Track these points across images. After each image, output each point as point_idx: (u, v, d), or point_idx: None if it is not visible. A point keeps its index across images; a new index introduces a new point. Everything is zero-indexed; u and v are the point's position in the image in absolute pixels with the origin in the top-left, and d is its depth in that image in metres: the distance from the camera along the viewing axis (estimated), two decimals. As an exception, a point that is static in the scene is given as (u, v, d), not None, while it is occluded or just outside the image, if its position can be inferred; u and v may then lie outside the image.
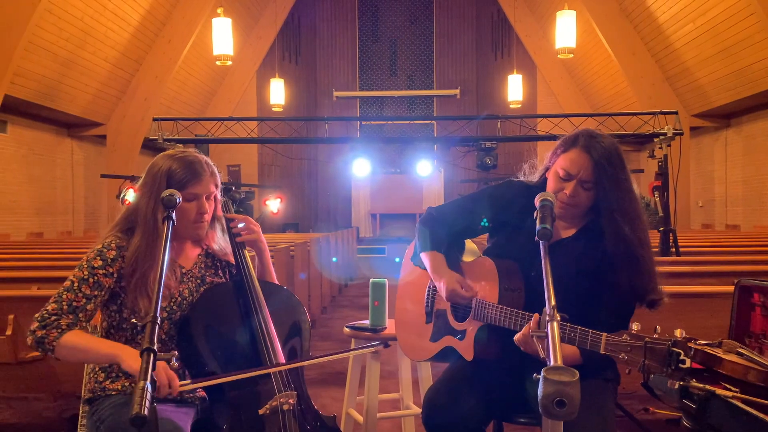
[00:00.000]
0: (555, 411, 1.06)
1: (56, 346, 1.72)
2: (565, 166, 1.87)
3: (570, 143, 1.90)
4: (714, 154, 11.98)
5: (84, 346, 1.73)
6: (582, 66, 14.43)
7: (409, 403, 2.74)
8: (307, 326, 2.05)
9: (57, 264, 4.83)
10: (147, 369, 1.22)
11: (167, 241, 1.58)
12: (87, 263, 1.84)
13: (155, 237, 1.83)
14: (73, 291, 1.80)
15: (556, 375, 1.06)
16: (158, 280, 1.45)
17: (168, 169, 1.88)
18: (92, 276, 1.82)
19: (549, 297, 1.30)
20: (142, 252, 1.84)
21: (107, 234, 1.92)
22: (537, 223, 1.58)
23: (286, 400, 1.82)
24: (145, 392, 1.17)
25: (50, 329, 1.73)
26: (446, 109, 18.03)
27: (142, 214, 1.87)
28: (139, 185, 1.94)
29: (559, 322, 1.24)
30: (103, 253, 1.85)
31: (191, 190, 1.88)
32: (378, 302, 2.58)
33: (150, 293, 1.82)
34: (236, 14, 13.19)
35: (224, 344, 1.87)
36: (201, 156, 1.96)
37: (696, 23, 9.89)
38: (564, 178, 1.87)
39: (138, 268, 1.83)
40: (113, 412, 1.85)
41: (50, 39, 9.24)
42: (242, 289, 1.96)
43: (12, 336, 3.04)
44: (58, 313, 1.76)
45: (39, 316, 1.77)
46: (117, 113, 12.10)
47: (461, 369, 2.00)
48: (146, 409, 1.14)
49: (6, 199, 10.12)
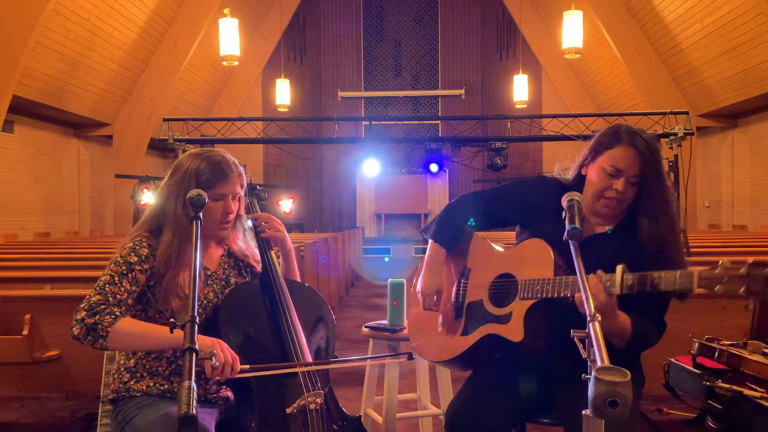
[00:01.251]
0: (607, 411, 1.05)
1: (110, 332, 1.68)
2: (613, 162, 1.85)
3: (613, 139, 1.88)
4: (721, 154, 11.96)
5: (141, 332, 1.72)
6: (588, 66, 14.42)
7: (426, 404, 2.74)
8: (332, 325, 2.05)
9: (69, 264, 4.84)
10: (191, 368, 1.22)
11: (197, 241, 1.58)
12: (123, 259, 1.82)
13: (185, 236, 1.83)
14: (115, 284, 1.78)
15: (608, 375, 1.06)
16: (192, 280, 1.44)
17: (196, 168, 1.88)
18: (130, 271, 1.81)
19: (587, 297, 1.29)
20: (174, 251, 1.83)
21: (135, 233, 1.91)
22: (566, 223, 1.57)
23: (313, 400, 1.82)
24: (192, 391, 1.17)
25: (103, 315, 1.69)
26: (451, 110, 18.03)
27: (170, 213, 1.87)
28: (164, 184, 1.94)
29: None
30: (136, 250, 1.85)
31: (218, 190, 1.88)
32: (396, 302, 2.57)
33: (180, 293, 1.82)
34: (241, 14, 13.19)
35: (252, 343, 1.87)
36: (228, 156, 1.95)
37: (703, 23, 9.88)
38: (612, 174, 1.85)
39: (170, 268, 1.83)
40: (138, 412, 1.85)
41: (57, 39, 9.25)
42: (269, 288, 1.96)
43: (28, 336, 3.04)
44: (106, 303, 1.73)
45: (85, 305, 1.72)
46: (123, 113, 12.12)
47: (484, 377, 1.98)
48: (194, 408, 1.14)
49: (13, 199, 10.14)
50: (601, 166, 1.88)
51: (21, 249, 6.75)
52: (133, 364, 1.91)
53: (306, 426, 1.82)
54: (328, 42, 18.49)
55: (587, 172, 1.95)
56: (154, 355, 1.88)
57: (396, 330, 2.51)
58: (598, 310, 1.37)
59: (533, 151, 16.63)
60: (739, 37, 9.30)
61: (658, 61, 11.60)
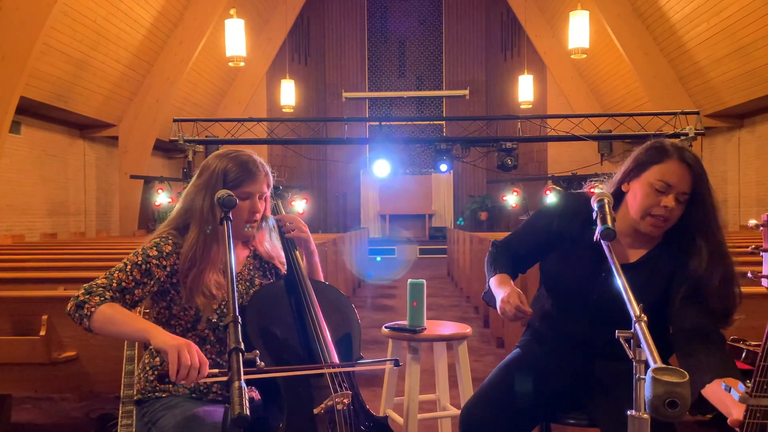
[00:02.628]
0: (666, 412, 1.05)
1: (94, 312, 1.69)
2: (663, 177, 1.74)
3: (662, 153, 1.78)
4: (727, 154, 11.94)
5: (120, 319, 1.70)
6: (593, 66, 14.40)
7: (446, 404, 2.73)
8: (357, 325, 2.04)
9: (81, 265, 4.84)
10: (239, 368, 1.22)
11: (230, 241, 1.59)
12: (143, 251, 1.84)
13: (211, 235, 1.84)
14: (125, 272, 1.80)
15: (666, 375, 1.06)
16: (230, 281, 1.45)
17: (224, 168, 1.89)
18: (145, 263, 1.82)
19: (630, 299, 1.28)
20: (199, 249, 1.84)
21: (162, 230, 1.92)
22: (598, 224, 1.56)
23: (341, 400, 1.81)
24: (243, 391, 1.17)
25: (93, 296, 1.71)
26: (455, 110, 18.04)
27: (197, 212, 1.88)
28: (192, 183, 1.95)
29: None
30: (159, 245, 1.86)
31: (245, 189, 1.89)
32: (417, 302, 2.56)
33: (206, 291, 1.83)
34: (246, 15, 13.19)
35: (279, 344, 1.86)
36: (255, 156, 1.96)
37: (710, 23, 9.86)
38: (661, 190, 1.75)
39: (195, 265, 1.84)
40: (165, 413, 1.85)
41: (64, 41, 9.27)
42: (294, 289, 1.96)
43: (45, 336, 3.04)
44: (106, 286, 1.76)
45: (87, 285, 1.76)
46: (129, 114, 12.13)
47: (501, 378, 1.97)
48: (247, 408, 1.14)
49: (20, 200, 10.16)
50: (648, 181, 1.77)
51: (30, 250, 6.75)
52: (159, 362, 1.91)
53: (333, 426, 1.81)
54: (333, 43, 18.50)
55: (629, 188, 1.84)
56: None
57: (417, 330, 2.50)
58: None
59: (538, 152, 16.62)
60: (746, 36, 9.28)
61: (664, 61, 11.59)
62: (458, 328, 2.63)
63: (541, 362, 1.96)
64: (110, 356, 3.10)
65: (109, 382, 3.17)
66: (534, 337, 2.05)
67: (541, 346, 1.99)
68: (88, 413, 4.00)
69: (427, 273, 12.38)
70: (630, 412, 1.17)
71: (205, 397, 1.90)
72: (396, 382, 2.74)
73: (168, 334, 1.63)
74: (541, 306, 2.02)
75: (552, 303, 1.98)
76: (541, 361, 1.96)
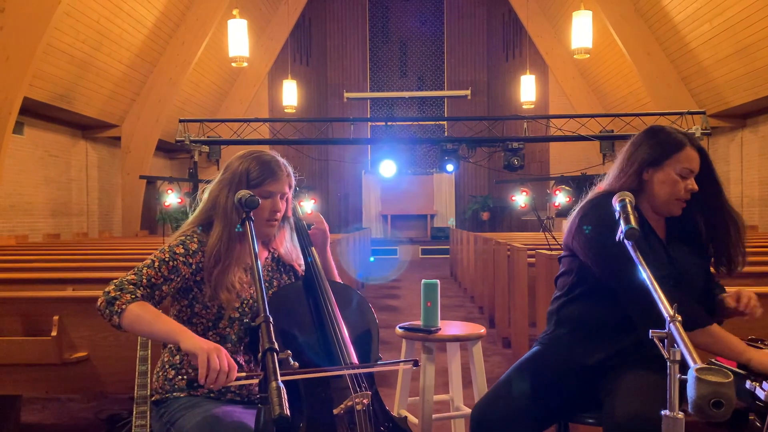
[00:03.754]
0: (711, 412, 1.05)
1: (125, 310, 1.69)
2: (687, 165, 1.92)
3: (678, 143, 1.94)
4: (729, 154, 11.94)
5: (149, 319, 1.70)
6: (595, 66, 14.40)
7: (459, 405, 2.73)
8: (375, 326, 2.04)
9: (89, 265, 4.84)
10: (275, 368, 1.21)
11: (254, 240, 1.61)
12: (169, 248, 1.86)
13: (235, 233, 1.86)
14: (154, 269, 1.81)
15: (711, 375, 1.05)
16: (257, 281, 1.45)
17: (247, 167, 1.91)
18: (173, 260, 1.84)
19: (661, 299, 1.28)
20: (223, 246, 1.86)
21: (186, 228, 1.94)
22: (622, 224, 1.56)
23: (360, 401, 1.81)
24: (281, 391, 1.16)
25: (125, 293, 1.72)
26: (457, 110, 18.04)
27: (221, 210, 1.90)
28: (216, 182, 1.97)
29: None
30: (185, 243, 1.88)
31: (267, 188, 1.91)
32: (431, 303, 2.56)
33: (230, 287, 1.85)
34: (248, 16, 13.20)
35: (298, 345, 1.86)
36: (278, 156, 1.99)
37: (713, 23, 9.86)
38: (684, 175, 1.93)
39: (220, 262, 1.85)
40: (184, 413, 1.84)
41: (68, 41, 9.27)
42: (313, 290, 1.95)
43: (57, 337, 3.03)
44: (137, 283, 1.77)
45: (117, 281, 1.76)
46: (131, 115, 12.13)
47: (516, 377, 1.96)
48: (287, 408, 1.13)
49: (23, 200, 10.15)
50: (673, 169, 1.93)
51: (35, 251, 6.75)
52: (178, 361, 1.91)
53: (353, 427, 1.81)
54: (334, 43, 18.50)
55: (650, 176, 1.96)
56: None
57: (432, 331, 2.50)
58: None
59: (540, 152, 16.63)
60: (749, 36, 9.28)
61: (666, 61, 11.59)
62: (472, 329, 2.62)
63: (565, 360, 1.95)
64: (122, 356, 3.10)
65: (120, 383, 3.17)
66: (559, 335, 2.03)
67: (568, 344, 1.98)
68: (97, 414, 3.99)
69: (429, 273, 12.38)
70: (664, 412, 1.17)
71: (224, 397, 1.90)
72: (409, 383, 2.73)
73: (198, 338, 1.63)
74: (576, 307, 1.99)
75: (591, 304, 1.96)
76: (564, 359, 1.95)
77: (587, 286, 1.96)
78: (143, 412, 2.65)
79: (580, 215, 1.97)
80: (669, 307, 1.22)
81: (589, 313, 1.96)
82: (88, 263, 5.06)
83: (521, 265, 4.89)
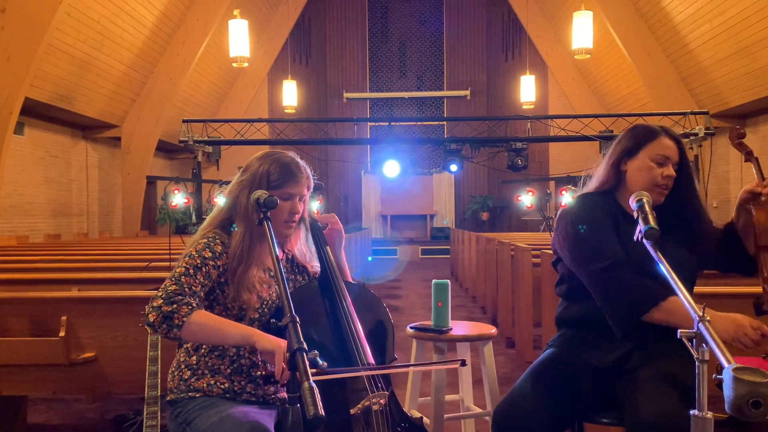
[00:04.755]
0: (749, 412, 1.04)
1: (186, 322, 1.70)
2: (661, 152, 1.98)
3: (650, 134, 2.02)
4: (729, 154, 11.94)
5: (216, 325, 1.72)
6: (595, 66, 14.42)
7: (469, 405, 2.73)
8: (391, 326, 2.04)
9: (93, 266, 4.83)
10: (306, 368, 1.21)
11: (273, 240, 1.62)
12: (197, 253, 1.84)
13: (256, 233, 1.86)
14: (190, 276, 1.79)
15: (748, 375, 1.05)
16: (280, 281, 1.45)
17: (267, 169, 1.92)
18: (204, 266, 1.83)
19: (687, 299, 1.27)
20: (246, 246, 1.86)
21: (206, 229, 1.93)
22: (641, 224, 1.56)
23: (377, 401, 1.81)
24: (314, 391, 1.16)
25: (180, 305, 1.71)
26: (456, 111, 18.05)
27: (242, 210, 1.89)
28: (236, 182, 1.96)
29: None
30: (211, 246, 1.87)
31: (287, 190, 1.91)
32: (441, 303, 2.56)
33: (251, 287, 1.85)
34: (248, 16, 13.20)
35: (315, 346, 1.85)
36: (297, 158, 1.99)
37: (713, 23, 9.88)
38: (661, 162, 1.98)
39: (242, 262, 1.86)
40: (200, 413, 1.84)
41: (69, 41, 9.25)
42: (329, 290, 1.96)
43: (65, 337, 3.03)
44: (183, 293, 1.75)
45: (162, 294, 1.74)
46: (132, 115, 12.12)
47: (537, 377, 1.95)
48: (321, 408, 1.13)
49: (24, 201, 10.13)
50: (648, 156, 1.99)
51: (36, 251, 6.74)
52: (195, 361, 1.90)
53: (369, 427, 1.81)
54: (334, 43, 18.49)
55: (627, 167, 2.02)
56: (218, 352, 1.88)
57: (443, 331, 2.50)
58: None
59: (539, 152, 16.64)
60: (749, 37, 9.30)
61: (666, 62, 11.60)
62: (482, 329, 2.62)
63: (579, 360, 1.95)
64: (130, 357, 3.09)
65: (127, 383, 3.16)
66: (569, 336, 2.03)
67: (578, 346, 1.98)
68: (102, 414, 3.99)
69: (430, 273, 12.39)
70: (693, 411, 1.17)
71: (239, 397, 1.90)
72: (420, 383, 2.73)
73: (270, 336, 1.64)
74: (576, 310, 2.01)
75: (589, 305, 1.96)
76: (577, 359, 1.95)
77: (581, 287, 1.97)
78: (154, 413, 2.65)
79: (558, 217, 2.07)
80: (697, 308, 1.22)
81: (589, 315, 1.96)
82: (92, 263, 5.05)
83: (526, 265, 4.89)
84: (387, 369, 1.84)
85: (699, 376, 1.17)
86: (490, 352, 2.61)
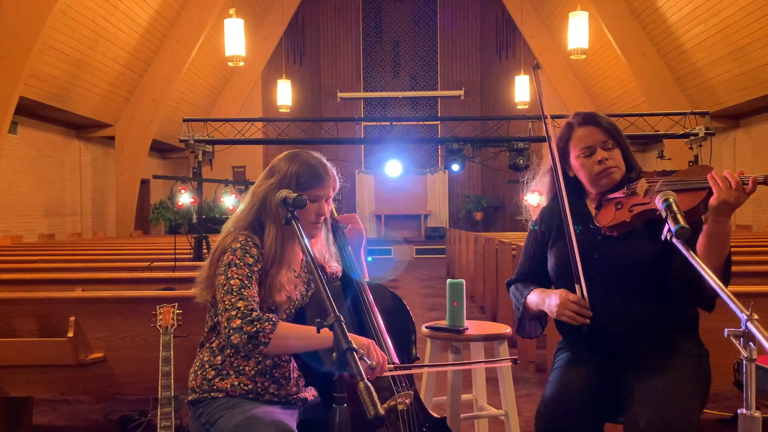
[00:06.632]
0: None
1: (272, 338, 1.72)
2: (581, 144, 2.00)
3: (567, 129, 2.06)
4: (723, 154, 12.03)
5: (303, 335, 1.77)
6: (589, 67, 14.47)
7: (483, 404, 2.73)
8: (412, 325, 2.04)
9: (94, 266, 4.80)
10: (359, 369, 1.20)
11: (304, 238, 1.63)
12: (241, 261, 1.83)
13: (287, 233, 1.87)
14: (248, 288, 1.79)
15: None
16: (319, 279, 1.45)
17: (296, 171, 1.92)
18: (252, 273, 1.83)
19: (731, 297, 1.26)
20: (279, 247, 1.87)
21: (237, 232, 1.90)
22: (670, 224, 1.55)
23: (403, 400, 1.81)
24: (371, 391, 1.15)
25: (262, 323, 1.72)
26: (450, 110, 18.06)
27: (273, 211, 1.89)
28: (263, 184, 1.95)
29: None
30: (249, 251, 1.86)
31: (315, 192, 1.92)
32: (456, 303, 2.55)
33: (280, 288, 1.86)
34: (242, 15, 13.14)
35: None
36: (324, 159, 2.00)
37: (707, 24, 9.94)
38: (588, 154, 1.99)
39: (275, 263, 1.86)
40: (224, 414, 1.83)
41: (63, 40, 9.19)
42: (351, 290, 1.95)
43: (73, 338, 3.00)
44: (254, 307, 1.76)
45: (237, 313, 1.73)
46: (125, 114, 12.06)
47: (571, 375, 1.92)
48: (380, 407, 1.12)
49: (17, 200, 10.06)
50: (575, 155, 2.02)
51: (32, 251, 6.69)
52: (219, 362, 1.89)
53: (394, 426, 1.81)
54: (327, 43, 18.47)
55: (572, 172, 2.06)
56: (243, 353, 1.87)
57: (460, 331, 2.50)
58: (722, 210, 1.65)
59: (536, 152, 16.66)
60: (743, 38, 9.37)
61: (661, 62, 11.67)
62: (497, 328, 2.62)
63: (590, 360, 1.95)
64: (138, 357, 3.07)
65: (136, 384, 3.14)
66: (573, 337, 2.03)
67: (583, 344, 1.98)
68: (107, 415, 3.96)
69: (425, 273, 12.40)
70: (740, 410, 1.17)
71: (262, 398, 1.89)
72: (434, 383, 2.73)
73: (352, 335, 1.64)
74: None
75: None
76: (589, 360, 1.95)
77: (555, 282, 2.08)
78: (168, 413, 2.63)
79: None
80: (742, 307, 1.21)
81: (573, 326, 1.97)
82: (92, 264, 5.02)
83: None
84: (442, 367, 1.85)
85: (746, 375, 1.17)
86: (506, 351, 2.61)
